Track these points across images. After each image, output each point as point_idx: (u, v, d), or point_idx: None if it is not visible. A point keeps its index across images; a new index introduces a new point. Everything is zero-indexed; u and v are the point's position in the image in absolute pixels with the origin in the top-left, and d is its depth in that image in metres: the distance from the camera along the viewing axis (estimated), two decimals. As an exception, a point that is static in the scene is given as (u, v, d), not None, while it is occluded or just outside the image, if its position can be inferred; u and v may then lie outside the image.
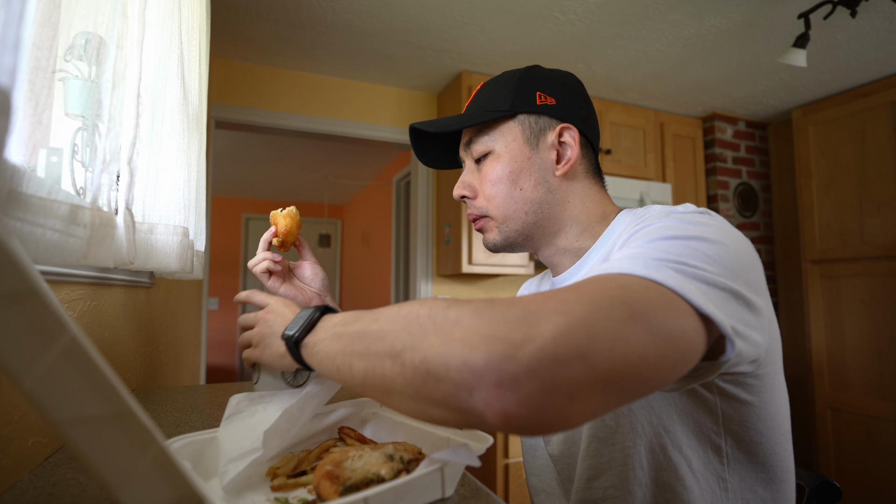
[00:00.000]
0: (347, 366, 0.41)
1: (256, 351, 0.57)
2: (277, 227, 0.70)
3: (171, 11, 0.89)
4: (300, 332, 0.49)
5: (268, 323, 0.57)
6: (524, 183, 0.64)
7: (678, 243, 0.43)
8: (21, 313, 0.22)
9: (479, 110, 0.66)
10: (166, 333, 1.36)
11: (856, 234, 2.28)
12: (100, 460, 0.24)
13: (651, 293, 0.36)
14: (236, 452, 0.46)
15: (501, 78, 0.68)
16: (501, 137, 0.65)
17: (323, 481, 0.42)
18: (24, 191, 0.41)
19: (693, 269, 0.40)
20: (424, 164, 0.75)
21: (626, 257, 0.42)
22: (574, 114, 0.65)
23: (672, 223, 0.47)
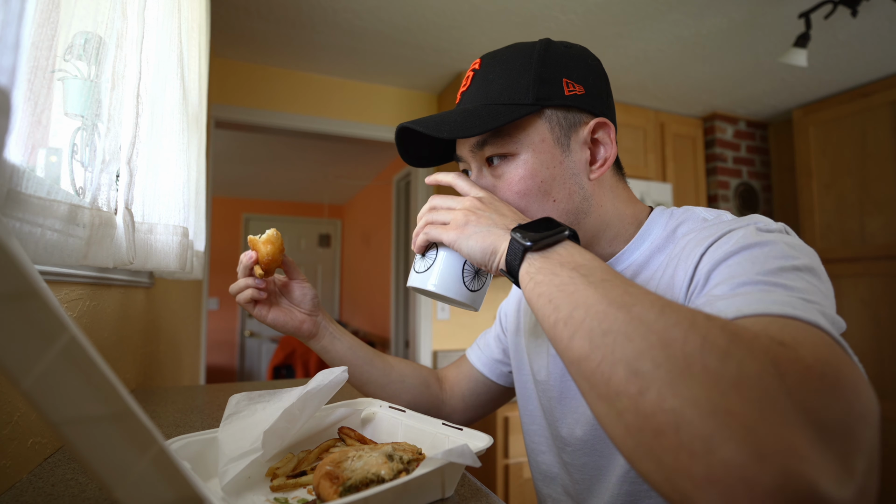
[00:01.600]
0: (568, 333, 0.35)
1: (457, 232, 0.49)
2: (258, 255, 0.63)
3: (171, 11, 0.89)
4: (538, 243, 0.42)
5: (482, 210, 0.49)
6: (558, 193, 0.54)
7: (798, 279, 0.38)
8: (20, 313, 0.22)
9: (492, 104, 0.53)
10: (166, 333, 1.36)
11: (856, 234, 2.28)
12: (99, 461, 0.24)
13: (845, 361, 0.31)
14: (236, 452, 0.46)
15: (513, 57, 0.55)
16: (527, 139, 0.53)
17: (323, 481, 0.42)
18: (23, 191, 0.41)
19: (823, 308, 0.36)
20: (410, 165, 0.62)
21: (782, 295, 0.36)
22: (604, 103, 0.56)
23: (776, 249, 0.42)
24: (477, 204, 0.50)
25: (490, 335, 0.83)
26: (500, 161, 0.55)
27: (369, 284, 4.67)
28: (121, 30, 0.63)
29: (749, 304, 0.35)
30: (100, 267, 0.67)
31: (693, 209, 0.57)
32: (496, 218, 0.48)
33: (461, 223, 0.49)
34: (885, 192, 2.19)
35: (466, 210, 0.50)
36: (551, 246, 0.43)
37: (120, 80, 0.65)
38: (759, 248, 0.42)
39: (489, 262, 0.47)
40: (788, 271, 0.39)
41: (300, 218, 5.73)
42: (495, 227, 0.47)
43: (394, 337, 3.59)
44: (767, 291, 0.37)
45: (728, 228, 0.47)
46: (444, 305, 2.56)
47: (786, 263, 0.40)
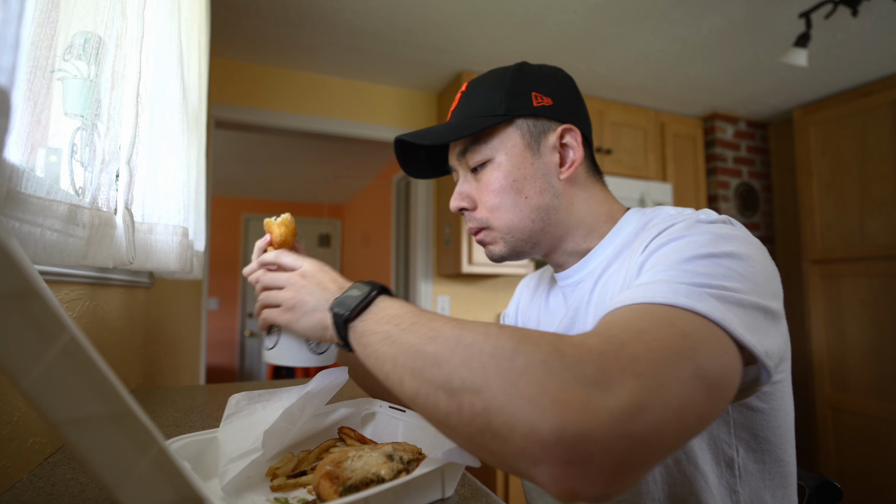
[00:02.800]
0: (398, 380, 0.39)
1: (288, 315, 0.53)
2: (272, 237, 0.68)
3: (171, 11, 0.89)
4: (352, 313, 0.46)
5: (306, 288, 0.52)
6: (529, 190, 0.61)
7: (712, 263, 0.42)
8: (20, 313, 0.22)
9: (472, 116, 0.62)
10: (166, 333, 1.36)
11: (857, 234, 2.28)
12: (99, 460, 0.24)
13: (708, 339, 0.36)
14: (236, 452, 0.46)
15: (491, 78, 0.63)
16: (501, 145, 0.61)
17: (323, 481, 0.42)
18: (22, 190, 0.41)
19: (730, 293, 0.40)
20: (410, 175, 0.71)
21: (667, 282, 0.41)
22: (572, 112, 0.63)
23: (702, 238, 0.46)
24: (301, 281, 0.54)
25: None
26: (481, 168, 0.63)
27: (369, 284, 4.66)
28: (120, 29, 0.63)
29: (630, 297, 0.40)
30: (100, 267, 0.67)
31: (663, 208, 0.60)
32: (319, 294, 0.52)
33: (290, 305, 0.53)
34: (885, 192, 2.19)
35: (293, 290, 0.54)
36: (366, 308, 0.47)
37: (120, 80, 0.65)
38: (685, 239, 0.46)
39: (324, 336, 0.51)
40: (701, 258, 0.43)
41: (300, 218, 5.72)
42: (319, 304, 0.51)
43: None
44: (658, 282, 0.41)
45: (672, 222, 0.51)
46: (444, 305, 2.56)
47: (702, 251, 0.44)
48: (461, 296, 2.60)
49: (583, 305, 0.61)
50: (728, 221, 0.50)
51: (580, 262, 0.64)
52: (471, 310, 2.60)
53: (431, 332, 0.39)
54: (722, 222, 0.49)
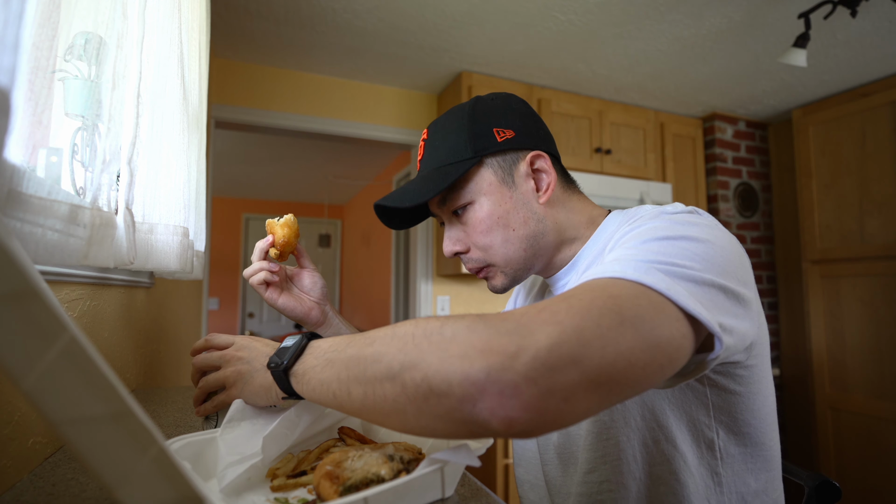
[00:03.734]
0: (345, 392, 0.41)
1: (233, 391, 0.54)
2: (275, 237, 0.67)
3: (171, 11, 0.89)
4: (289, 359, 0.47)
5: (242, 360, 0.55)
6: (514, 223, 0.63)
7: (667, 243, 0.45)
8: (21, 313, 0.22)
9: (441, 165, 0.63)
10: (166, 333, 1.36)
11: (856, 234, 2.28)
12: (99, 460, 0.24)
13: (641, 300, 0.38)
14: (235, 457, 0.47)
15: (449, 123, 0.65)
16: (477, 187, 0.63)
17: (323, 481, 0.42)
18: (23, 191, 0.41)
19: (681, 269, 0.42)
20: (395, 229, 0.73)
21: (617, 260, 0.44)
22: (534, 136, 0.65)
23: (661, 224, 0.48)
24: (235, 355, 0.56)
25: None
26: (462, 211, 0.65)
27: (369, 284, 4.67)
28: (121, 30, 0.63)
29: (585, 278, 0.42)
30: (100, 267, 0.67)
31: (643, 206, 0.62)
32: (253, 359, 0.54)
33: (233, 380, 0.54)
34: (884, 192, 2.19)
35: (230, 365, 0.55)
36: (302, 352, 0.48)
37: (120, 81, 0.65)
38: (646, 226, 0.49)
39: (272, 398, 0.51)
40: (657, 240, 0.45)
41: (300, 218, 5.73)
42: (255, 370, 0.52)
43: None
44: (611, 262, 0.44)
45: (642, 214, 0.54)
46: (444, 305, 2.56)
47: (658, 234, 0.46)
48: (461, 296, 2.60)
49: None
50: (694, 212, 0.52)
51: (568, 266, 0.67)
52: (471, 310, 2.60)
53: (367, 340, 0.42)
54: (687, 212, 0.51)
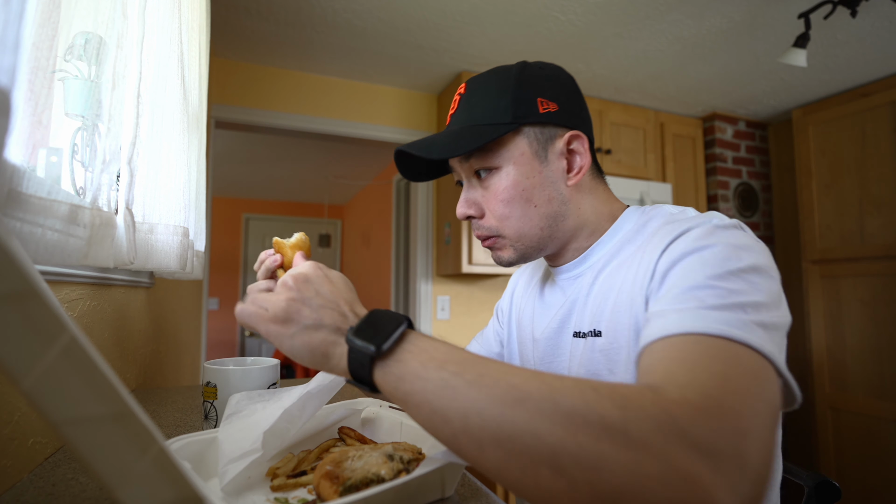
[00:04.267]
0: (475, 445, 0.34)
1: (278, 327, 0.42)
2: (283, 259, 0.61)
3: (171, 11, 0.89)
4: (387, 344, 0.38)
5: (308, 299, 0.42)
6: (538, 199, 0.61)
7: (742, 281, 0.43)
8: (21, 313, 0.22)
9: (476, 124, 0.60)
10: (166, 333, 1.36)
11: (856, 234, 2.28)
12: (100, 460, 0.24)
13: (769, 377, 0.38)
14: (236, 453, 0.46)
15: (492, 82, 0.62)
16: (508, 153, 0.60)
17: (323, 481, 0.42)
18: (23, 191, 0.41)
19: (767, 317, 0.41)
20: (410, 180, 0.69)
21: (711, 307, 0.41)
22: (576, 116, 0.63)
23: (724, 251, 0.46)
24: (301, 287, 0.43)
25: (489, 331, 0.86)
26: (486, 174, 0.62)
27: (369, 284, 4.67)
28: (121, 30, 0.63)
29: (679, 323, 0.40)
30: (100, 267, 0.67)
31: (662, 206, 0.62)
32: (326, 311, 0.42)
33: (283, 315, 0.42)
34: (884, 192, 2.19)
35: (289, 295, 0.43)
36: (397, 344, 0.39)
37: (120, 81, 0.65)
38: (708, 251, 0.47)
39: (321, 365, 0.42)
40: (732, 276, 0.44)
41: (300, 218, 5.73)
42: (325, 323, 0.41)
43: None
44: (703, 302, 0.42)
45: (688, 226, 0.51)
46: (444, 305, 2.56)
47: (729, 266, 0.45)
48: (461, 296, 2.60)
49: (581, 297, 0.62)
50: (740, 227, 0.51)
51: (580, 258, 0.65)
52: (471, 309, 2.60)
53: (512, 391, 0.34)
54: (735, 227, 0.50)
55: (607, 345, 0.56)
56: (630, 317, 0.53)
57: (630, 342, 0.53)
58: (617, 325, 0.55)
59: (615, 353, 0.55)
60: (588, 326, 0.60)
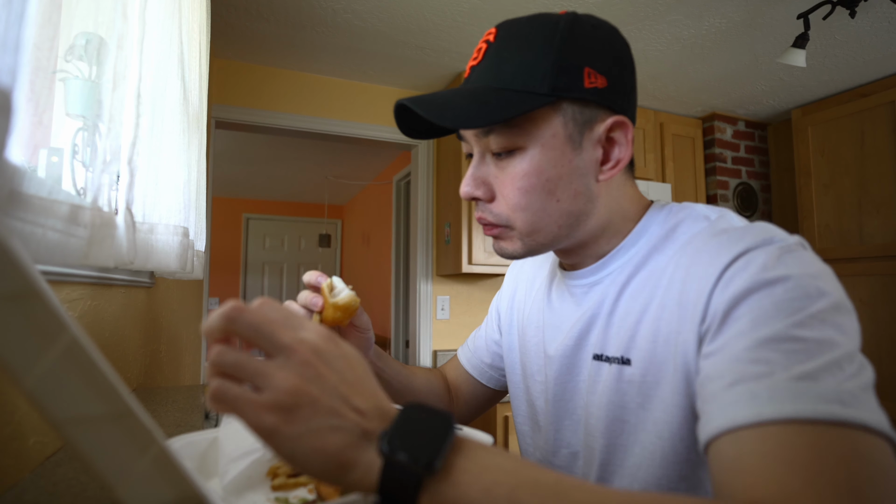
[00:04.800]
0: None
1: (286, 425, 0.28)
2: (324, 314, 0.53)
3: (172, 12, 0.89)
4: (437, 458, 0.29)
5: (327, 389, 0.29)
6: (562, 193, 0.50)
7: (829, 327, 0.37)
8: (21, 313, 0.22)
9: (504, 88, 0.48)
10: (166, 333, 1.36)
11: (855, 233, 2.28)
12: (100, 460, 0.24)
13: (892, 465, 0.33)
14: (237, 452, 0.47)
15: (534, 33, 0.49)
16: (537, 132, 0.49)
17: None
18: (24, 191, 0.41)
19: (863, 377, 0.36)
20: (408, 136, 0.57)
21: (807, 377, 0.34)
22: (625, 97, 0.51)
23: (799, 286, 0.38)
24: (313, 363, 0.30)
25: (480, 335, 0.79)
26: (507, 156, 0.51)
27: (369, 284, 4.67)
28: (122, 30, 0.64)
29: (771, 404, 0.33)
30: (101, 267, 0.67)
31: (692, 206, 0.54)
32: (344, 407, 0.30)
33: (286, 404, 0.28)
34: (883, 192, 2.19)
35: (296, 374, 0.29)
36: (448, 458, 0.30)
37: (121, 81, 0.65)
38: (781, 286, 0.38)
39: (335, 478, 0.30)
40: (817, 321, 0.37)
41: (300, 218, 5.73)
42: (344, 423, 0.29)
43: (394, 337, 3.60)
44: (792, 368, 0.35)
45: (744, 247, 0.42)
46: (444, 305, 2.56)
47: (813, 308, 0.37)
48: (461, 296, 2.60)
49: (603, 313, 0.53)
50: (803, 245, 0.43)
51: (598, 264, 0.56)
52: (471, 309, 2.60)
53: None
54: (801, 247, 0.43)
55: (639, 377, 0.48)
56: (675, 354, 0.45)
57: (676, 381, 0.45)
58: (653, 358, 0.47)
59: (650, 388, 0.47)
60: (614, 351, 0.51)
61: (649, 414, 0.48)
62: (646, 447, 0.48)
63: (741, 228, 0.46)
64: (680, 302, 0.46)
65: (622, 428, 0.50)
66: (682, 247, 0.49)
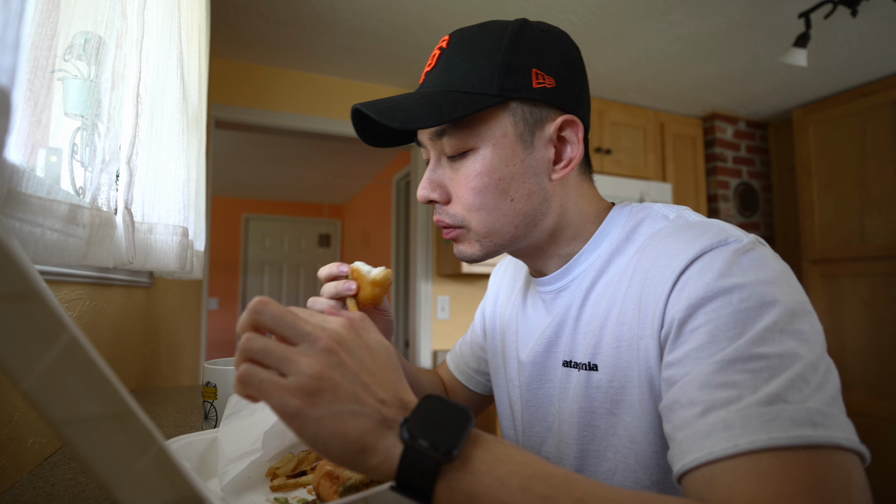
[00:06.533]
0: None
1: (308, 408, 0.30)
2: (360, 293, 0.54)
3: (171, 11, 0.89)
4: (456, 448, 0.30)
5: (349, 375, 0.31)
6: (516, 192, 0.51)
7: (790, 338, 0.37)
8: (20, 313, 0.22)
9: (454, 90, 0.49)
10: (166, 333, 1.36)
11: (856, 233, 2.28)
12: (99, 460, 0.24)
13: (862, 477, 0.34)
14: (236, 453, 0.46)
15: (484, 38, 0.50)
16: (488, 132, 0.50)
17: (323, 481, 0.42)
18: (23, 190, 0.41)
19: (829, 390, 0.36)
20: (368, 144, 0.58)
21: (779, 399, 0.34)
22: (575, 97, 0.52)
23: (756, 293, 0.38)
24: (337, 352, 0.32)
25: (466, 341, 0.78)
26: (460, 157, 0.52)
27: (369, 284, 4.67)
28: (120, 30, 0.63)
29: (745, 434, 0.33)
30: (100, 267, 0.67)
31: (651, 206, 0.54)
32: (365, 393, 0.31)
33: (309, 386, 0.30)
34: (884, 191, 2.19)
35: (320, 361, 0.31)
36: (466, 449, 0.31)
37: (120, 80, 0.65)
38: (737, 294, 0.38)
39: (354, 463, 0.31)
40: (778, 332, 0.37)
41: (300, 218, 5.73)
42: (364, 409, 0.31)
43: (393, 336, 3.59)
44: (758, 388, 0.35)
45: (699, 250, 0.42)
46: (444, 305, 2.56)
47: (773, 317, 0.37)
48: (461, 296, 2.60)
49: (570, 319, 0.54)
50: (759, 242, 0.43)
51: (562, 269, 0.56)
52: (471, 309, 2.60)
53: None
54: (757, 245, 0.43)
55: (606, 382, 0.49)
56: (638, 359, 0.45)
57: (641, 387, 0.45)
58: (618, 363, 0.48)
59: (617, 393, 0.48)
60: (582, 357, 0.52)
61: (619, 419, 0.48)
62: (619, 452, 0.48)
63: (697, 228, 0.46)
64: (639, 307, 0.46)
65: (594, 433, 0.51)
66: (640, 248, 0.50)
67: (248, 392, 0.30)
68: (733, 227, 0.45)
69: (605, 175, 2.50)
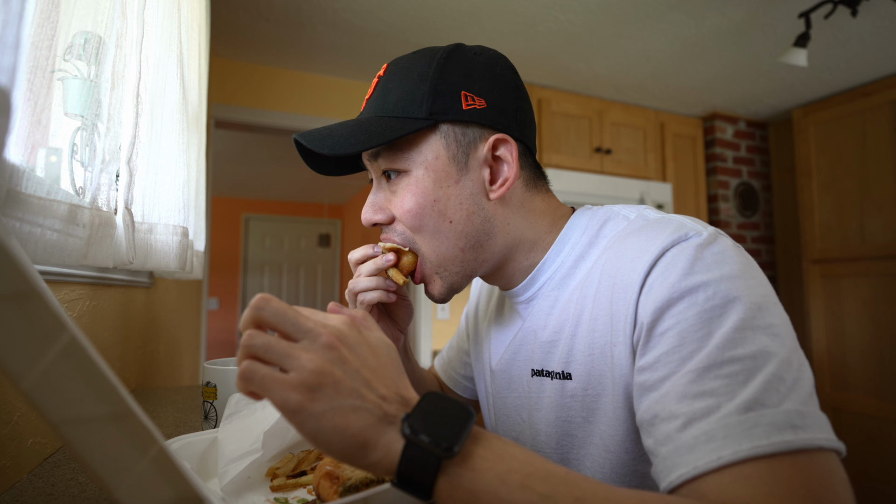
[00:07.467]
0: None
1: (309, 403, 0.30)
2: (401, 262, 0.55)
3: (171, 11, 0.89)
4: (459, 442, 0.30)
5: (350, 371, 0.31)
6: (454, 214, 0.51)
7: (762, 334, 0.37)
8: (20, 313, 0.22)
9: (386, 115, 0.51)
10: (166, 333, 1.36)
11: (856, 233, 2.28)
12: (99, 461, 0.24)
13: (842, 473, 0.34)
14: (236, 453, 0.46)
15: (413, 65, 0.52)
16: (420, 156, 0.50)
17: (323, 481, 0.42)
18: (23, 190, 0.41)
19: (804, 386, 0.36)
20: (318, 172, 0.59)
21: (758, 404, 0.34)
22: (509, 117, 0.52)
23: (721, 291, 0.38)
24: (338, 347, 0.32)
25: (453, 346, 0.79)
26: (395, 176, 0.53)
27: (369, 284, 4.67)
28: (120, 30, 0.63)
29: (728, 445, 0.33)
30: (100, 267, 0.67)
31: (612, 207, 0.54)
32: (366, 389, 0.32)
33: (311, 383, 0.30)
34: (884, 191, 2.19)
35: (322, 357, 0.31)
36: (467, 445, 0.31)
37: (120, 80, 0.65)
38: (702, 293, 0.39)
39: (354, 459, 0.31)
40: (748, 329, 0.37)
41: (300, 218, 5.73)
42: (364, 404, 0.31)
43: None
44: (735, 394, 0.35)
45: (661, 249, 0.42)
46: (444, 306, 2.56)
47: (740, 314, 0.37)
48: (461, 296, 2.60)
49: (538, 328, 0.54)
50: (719, 234, 0.44)
51: (528, 280, 0.56)
52: (471, 310, 2.60)
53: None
54: (717, 238, 0.43)
55: (581, 391, 0.49)
56: (612, 367, 0.45)
57: (615, 394, 0.45)
58: (592, 371, 0.48)
59: (592, 401, 0.48)
60: (555, 366, 0.52)
61: (595, 427, 0.48)
62: (596, 460, 0.48)
63: (656, 225, 0.46)
64: (611, 313, 0.46)
65: (571, 442, 0.51)
66: (603, 250, 0.50)
67: (250, 388, 0.31)
68: (692, 221, 0.46)
69: (605, 175, 2.50)
